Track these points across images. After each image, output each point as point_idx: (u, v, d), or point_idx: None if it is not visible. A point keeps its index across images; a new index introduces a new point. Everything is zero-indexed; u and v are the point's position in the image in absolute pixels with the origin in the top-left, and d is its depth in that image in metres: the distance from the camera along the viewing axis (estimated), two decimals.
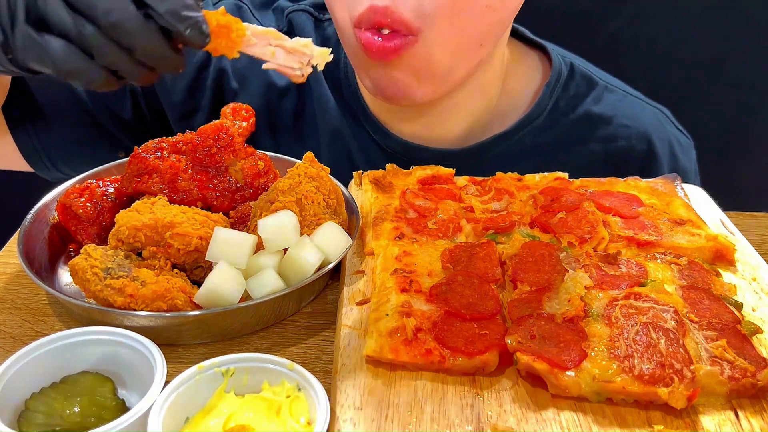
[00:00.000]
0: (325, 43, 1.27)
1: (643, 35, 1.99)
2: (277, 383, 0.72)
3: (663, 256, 0.90)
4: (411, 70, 1.02)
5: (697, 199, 1.07)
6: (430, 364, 0.74)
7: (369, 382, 0.73)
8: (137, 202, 0.90)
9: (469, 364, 0.74)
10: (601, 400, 0.71)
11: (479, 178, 1.07)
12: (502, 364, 0.75)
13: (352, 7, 0.99)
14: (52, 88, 1.19)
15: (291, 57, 0.81)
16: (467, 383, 0.73)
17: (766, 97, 2.07)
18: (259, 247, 0.86)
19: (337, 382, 0.74)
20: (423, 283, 0.84)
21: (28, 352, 0.72)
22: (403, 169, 1.09)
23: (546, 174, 1.07)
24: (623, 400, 0.71)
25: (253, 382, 0.72)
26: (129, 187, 0.95)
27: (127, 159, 0.96)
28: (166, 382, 0.70)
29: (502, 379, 0.74)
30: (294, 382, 0.71)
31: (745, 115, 2.10)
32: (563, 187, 1.03)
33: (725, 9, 1.95)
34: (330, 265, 0.87)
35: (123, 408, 0.71)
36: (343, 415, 0.69)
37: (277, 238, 0.85)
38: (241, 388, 0.72)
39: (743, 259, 0.93)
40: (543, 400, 0.71)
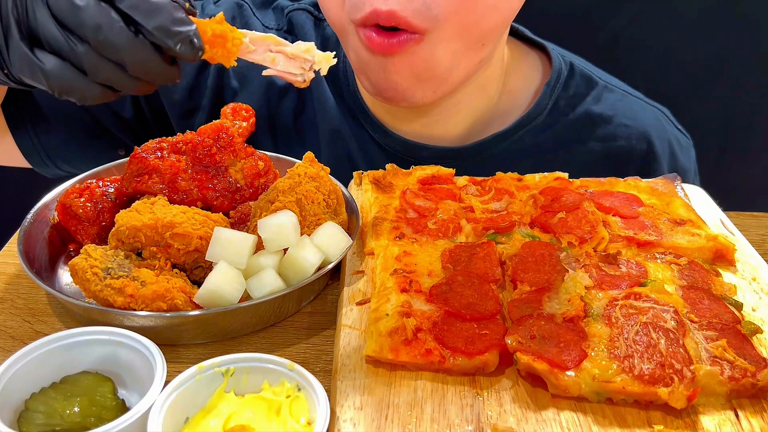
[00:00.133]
0: (325, 42, 1.27)
1: (643, 35, 1.99)
2: (277, 383, 0.72)
3: (663, 256, 0.90)
4: (411, 72, 1.02)
5: (697, 199, 1.07)
6: (430, 364, 0.74)
7: (369, 382, 0.73)
8: (137, 202, 0.90)
9: (469, 364, 0.74)
10: (601, 400, 0.71)
11: (479, 178, 1.07)
12: (502, 364, 0.75)
13: (351, 11, 0.98)
14: None
15: (292, 62, 0.80)
16: (467, 383, 0.73)
17: (766, 97, 2.07)
18: (259, 247, 0.86)
19: (337, 382, 0.73)
20: (423, 283, 0.84)
21: (28, 352, 0.72)
22: (403, 169, 1.09)
23: (546, 174, 1.07)
24: (623, 400, 0.71)
25: (253, 382, 0.72)
26: (129, 187, 0.95)
27: (127, 159, 0.96)
28: (166, 382, 0.70)
29: (502, 379, 0.74)
30: (294, 382, 0.71)
31: (744, 115, 2.10)
32: (563, 187, 1.03)
33: (725, 9, 1.95)
34: (330, 265, 0.86)
35: (123, 408, 0.71)
36: (343, 415, 0.69)
37: (277, 238, 0.85)
38: (241, 388, 0.72)
39: (743, 259, 0.93)
40: (543, 400, 0.71)
